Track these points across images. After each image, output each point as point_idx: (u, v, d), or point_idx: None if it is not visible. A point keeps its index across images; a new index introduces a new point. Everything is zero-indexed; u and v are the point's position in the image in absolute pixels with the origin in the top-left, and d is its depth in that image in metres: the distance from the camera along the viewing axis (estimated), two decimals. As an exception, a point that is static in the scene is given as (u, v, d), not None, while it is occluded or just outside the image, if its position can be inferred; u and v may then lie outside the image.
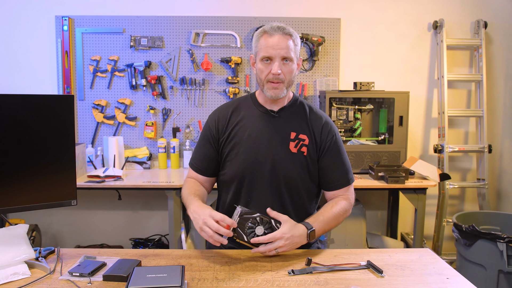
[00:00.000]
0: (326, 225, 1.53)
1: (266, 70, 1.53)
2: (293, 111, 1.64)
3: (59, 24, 3.13)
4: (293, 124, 1.61)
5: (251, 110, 1.64)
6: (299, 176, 1.59)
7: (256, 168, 1.58)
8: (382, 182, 2.76)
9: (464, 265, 2.60)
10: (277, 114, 1.62)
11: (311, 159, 1.60)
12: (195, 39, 3.17)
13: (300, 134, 1.60)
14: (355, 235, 2.92)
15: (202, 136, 1.69)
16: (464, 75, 3.25)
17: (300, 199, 1.62)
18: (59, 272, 1.33)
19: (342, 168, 1.64)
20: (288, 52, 1.51)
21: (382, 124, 3.12)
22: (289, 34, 1.52)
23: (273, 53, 1.50)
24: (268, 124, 1.61)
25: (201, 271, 1.34)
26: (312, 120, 1.63)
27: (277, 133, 1.60)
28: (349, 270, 1.35)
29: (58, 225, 3.36)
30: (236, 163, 1.60)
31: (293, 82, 1.59)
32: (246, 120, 1.62)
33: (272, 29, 1.51)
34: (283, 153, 1.58)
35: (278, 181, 1.58)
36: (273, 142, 1.59)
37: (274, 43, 1.50)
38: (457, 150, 3.20)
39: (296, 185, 1.60)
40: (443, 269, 1.38)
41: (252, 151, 1.59)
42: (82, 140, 3.23)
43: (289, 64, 1.53)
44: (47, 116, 1.40)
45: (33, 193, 1.40)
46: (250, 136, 1.60)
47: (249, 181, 1.59)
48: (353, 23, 3.23)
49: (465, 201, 3.42)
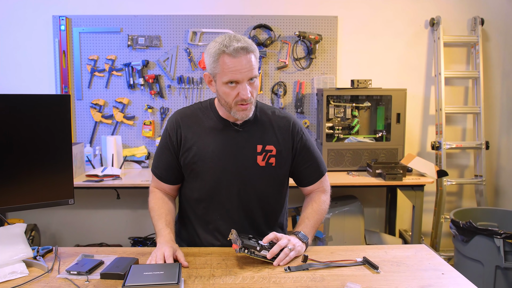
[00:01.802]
0: (315, 225, 1.56)
1: (233, 93, 1.41)
2: (257, 122, 1.56)
3: (56, 24, 3.13)
4: (258, 136, 1.54)
5: (212, 123, 1.54)
6: (270, 188, 1.58)
7: (224, 187, 1.53)
8: (380, 179, 2.77)
9: (461, 261, 2.61)
10: (240, 128, 1.54)
11: (279, 167, 1.57)
12: (192, 38, 3.17)
13: (266, 146, 1.54)
14: (353, 232, 2.93)
15: (163, 143, 1.59)
16: (461, 72, 3.26)
17: (272, 209, 1.62)
18: (56, 271, 1.34)
19: (314, 163, 1.63)
20: (254, 72, 1.41)
21: (379, 121, 3.13)
22: (252, 52, 1.40)
23: (240, 78, 1.39)
24: (233, 139, 1.53)
25: (198, 269, 1.35)
26: (278, 126, 1.57)
27: (243, 148, 1.53)
28: (345, 267, 1.36)
29: (57, 225, 3.37)
30: (202, 183, 1.54)
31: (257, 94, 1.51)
32: (208, 136, 1.53)
33: (235, 51, 1.36)
34: (252, 169, 1.53)
35: (249, 198, 1.55)
36: (239, 158, 1.52)
37: (240, 67, 1.37)
38: (454, 147, 3.21)
39: (267, 197, 1.59)
40: (439, 264, 1.39)
41: (218, 170, 1.52)
42: (80, 139, 3.24)
43: (254, 81, 1.44)
44: (44, 115, 1.40)
45: (30, 192, 1.41)
46: (214, 153, 1.52)
47: (218, 201, 1.55)
48: (350, 21, 3.24)
49: (463, 197, 3.43)
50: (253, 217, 1.58)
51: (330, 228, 2.89)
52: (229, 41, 1.39)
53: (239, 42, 1.38)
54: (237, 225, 1.53)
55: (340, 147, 2.99)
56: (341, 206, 2.96)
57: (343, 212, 2.92)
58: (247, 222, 1.57)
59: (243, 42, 1.39)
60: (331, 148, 2.98)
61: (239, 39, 1.40)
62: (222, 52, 1.38)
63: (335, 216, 2.90)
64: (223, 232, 1.56)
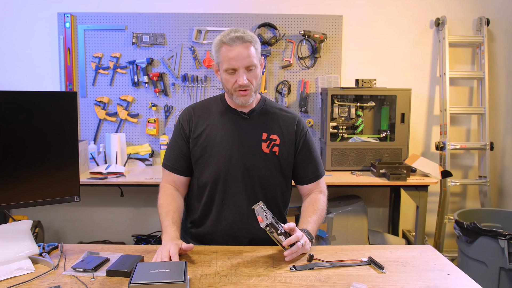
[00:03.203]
0: (317, 222, 1.59)
1: (232, 80, 1.52)
2: (263, 112, 1.66)
3: (61, 21, 3.13)
4: (263, 125, 1.63)
5: (222, 112, 1.65)
6: (272, 175, 1.63)
7: (230, 171, 1.60)
8: (383, 179, 2.76)
9: (465, 262, 2.60)
10: (247, 116, 1.63)
11: (283, 158, 1.64)
12: (197, 36, 3.17)
13: (271, 135, 1.62)
14: (357, 232, 2.93)
15: (175, 134, 1.68)
16: (466, 73, 3.25)
17: (273, 198, 1.66)
18: (62, 268, 1.34)
19: (314, 162, 1.69)
20: (251, 61, 1.50)
21: (384, 121, 3.12)
22: (249, 42, 1.50)
23: (236, 65, 1.49)
24: (240, 126, 1.62)
25: (203, 267, 1.35)
26: (284, 121, 1.65)
27: (249, 134, 1.62)
28: (351, 266, 1.36)
29: (61, 222, 3.38)
30: (210, 167, 1.61)
31: (260, 83, 1.60)
32: (217, 123, 1.63)
33: (231, 40, 1.48)
34: (256, 154, 1.61)
35: (252, 182, 1.61)
36: (245, 144, 1.61)
37: (236, 55, 1.48)
38: (459, 147, 3.20)
39: (270, 185, 1.64)
40: (444, 265, 1.39)
41: (225, 154, 1.60)
42: (84, 137, 3.24)
43: (253, 70, 1.52)
44: (50, 112, 1.41)
45: (36, 189, 1.41)
46: (222, 139, 1.60)
47: (223, 184, 1.61)
48: (354, 20, 3.23)
49: (467, 198, 3.42)
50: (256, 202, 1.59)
51: (333, 227, 2.89)
52: (229, 32, 1.51)
53: (237, 33, 1.50)
54: (241, 210, 1.60)
55: (344, 147, 2.99)
56: (345, 206, 2.96)
57: (347, 212, 2.92)
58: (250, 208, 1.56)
59: (241, 33, 1.50)
60: (335, 148, 2.98)
61: (237, 31, 1.51)
62: (222, 42, 1.51)
63: (338, 216, 2.90)
64: (226, 216, 1.61)
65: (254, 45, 1.52)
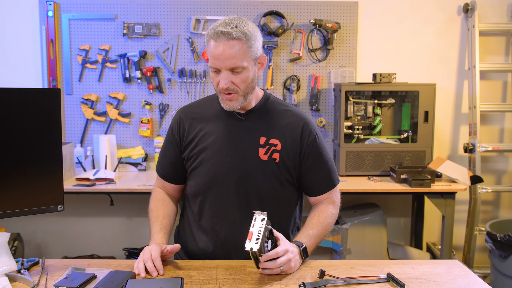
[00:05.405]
0: (317, 238, 1.55)
1: (216, 80, 1.49)
2: (263, 112, 1.61)
3: (43, 10, 3.15)
4: (262, 128, 1.58)
5: (216, 112, 1.61)
6: (270, 187, 1.57)
7: (221, 181, 1.56)
8: (405, 186, 2.75)
9: (499, 279, 2.58)
10: (244, 117, 1.59)
11: (284, 166, 1.58)
12: (195, 26, 3.18)
13: (270, 139, 1.56)
14: (375, 245, 2.92)
15: (167, 140, 1.69)
16: (499, 65, 3.24)
17: (273, 212, 1.48)
18: (43, 286, 1.34)
19: (325, 171, 1.63)
20: (235, 63, 1.43)
21: (404, 120, 3.12)
22: (237, 39, 1.42)
23: (218, 65, 1.45)
24: (235, 129, 1.58)
25: (202, 284, 1.35)
26: (287, 122, 1.60)
27: (244, 138, 1.57)
28: (367, 284, 1.35)
29: (43, 234, 3.39)
30: (199, 176, 1.59)
31: (253, 86, 1.53)
32: (211, 124, 1.60)
33: (216, 35, 1.42)
34: (252, 162, 1.56)
35: (247, 194, 1.57)
36: (240, 149, 1.56)
37: (219, 53, 1.43)
38: (490, 149, 3.18)
39: (269, 198, 1.58)
40: (474, 283, 1.38)
41: (216, 160, 1.56)
42: (69, 139, 3.26)
43: (240, 73, 1.46)
44: (31, 112, 1.40)
45: (15, 198, 1.41)
46: (214, 143, 1.57)
47: (213, 195, 1.58)
48: (372, 6, 3.23)
49: (500, 207, 3.40)
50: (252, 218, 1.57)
51: (348, 239, 2.88)
52: (219, 24, 1.45)
53: (226, 27, 1.42)
54: (234, 225, 1.56)
55: (360, 149, 2.98)
56: (361, 216, 2.95)
57: (363, 222, 2.91)
58: (245, 223, 1.48)
59: (230, 28, 1.42)
60: (350, 150, 2.98)
61: (228, 24, 1.43)
62: (209, 36, 1.47)
63: (354, 227, 2.89)
64: (217, 232, 1.59)
65: (246, 43, 1.44)
